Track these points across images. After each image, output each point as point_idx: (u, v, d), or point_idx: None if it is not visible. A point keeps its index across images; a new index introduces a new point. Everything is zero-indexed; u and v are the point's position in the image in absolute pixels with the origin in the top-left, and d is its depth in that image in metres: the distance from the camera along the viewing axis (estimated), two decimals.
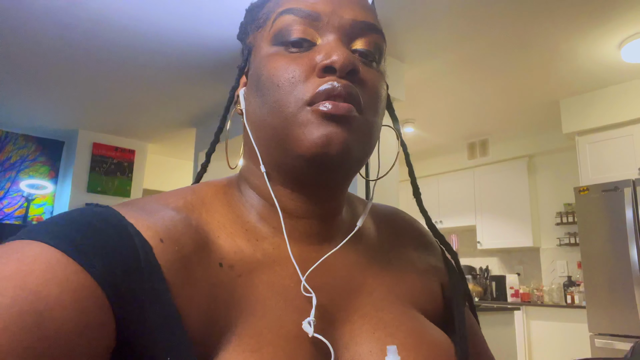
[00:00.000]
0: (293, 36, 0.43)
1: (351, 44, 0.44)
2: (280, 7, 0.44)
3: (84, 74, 3.63)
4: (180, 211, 0.42)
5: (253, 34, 0.49)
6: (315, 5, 0.43)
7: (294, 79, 0.41)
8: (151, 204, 0.41)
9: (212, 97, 4.08)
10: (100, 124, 4.79)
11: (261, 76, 0.44)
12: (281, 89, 0.41)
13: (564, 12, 2.72)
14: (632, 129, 3.64)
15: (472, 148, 5.32)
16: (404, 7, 2.66)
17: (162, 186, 5.96)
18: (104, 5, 2.70)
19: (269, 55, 0.44)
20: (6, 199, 4.86)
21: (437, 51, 3.19)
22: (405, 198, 5.45)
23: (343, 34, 0.43)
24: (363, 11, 0.45)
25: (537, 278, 4.99)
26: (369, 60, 0.45)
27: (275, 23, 0.44)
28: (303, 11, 0.43)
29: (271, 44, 0.44)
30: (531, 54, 3.23)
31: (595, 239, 3.40)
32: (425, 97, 3.96)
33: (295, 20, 0.43)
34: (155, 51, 3.25)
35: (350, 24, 0.44)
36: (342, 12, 0.44)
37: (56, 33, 3.02)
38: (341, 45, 0.42)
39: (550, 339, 4.21)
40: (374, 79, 0.44)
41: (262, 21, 0.47)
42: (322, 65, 0.41)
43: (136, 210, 0.39)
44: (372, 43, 0.45)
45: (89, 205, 0.38)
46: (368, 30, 0.45)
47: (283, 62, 0.42)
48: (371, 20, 0.46)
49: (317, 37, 0.43)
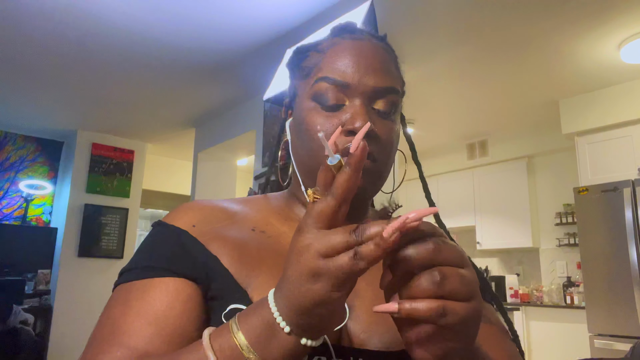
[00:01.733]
0: (328, 100, 0.57)
1: (372, 104, 0.57)
2: (319, 72, 0.58)
3: (84, 74, 3.63)
4: (230, 206, 0.63)
5: (298, 80, 0.63)
6: (345, 75, 0.57)
7: (326, 135, 0.54)
8: (216, 204, 0.63)
9: (211, 97, 4.08)
10: (99, 124, 4.78)
11: (302, 125, 0.59)
12: (316, 142, 0.56)
13: (563, 12, 2.72)
14: (631, 130, 3.65)
15: (471, 148, 5.32)
16: (404, 7, 2.66)
17: (161, 186, 5.95)
18: (104, 6, 2.70)
19: (309, 109, 0.58)
20: (5, 199, 4.85)
21: (437, 51, 3.19)
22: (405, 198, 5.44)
23: (366, 97, 0.57)
24: (383, 77, 0.58)
25: (537, 278, 4.99)
26: (386, 115, 0.58)
27: (314, 86, 0.58)
28: (336, 81, 0.56)
29: (310, 100, 0.58)
30: (531, 55, 3.23)
31: (595, 240, 3.40)
32: (425, 97, 3.96)
33: (330, 88, 0.57)
34: (155, 51, 3.24)
35: (372, 89, 0.57)
36: (366, 80, 0.57)
37: (56, 33, 3.01)
38: (364, 110, 0.56)
39: (550, 339, 4.21)
40: (388, 132, 0.58)
41: (305, 74, 0.61)
42: (346, 129, 0.55)
43: (186, 212, 0.59)
44: (388, 103, 0.58)
45: (155, 226, 0.59)
46: (386, 93, 0.58)
47: (320, 119, 0.57)
48: (389, 84, 0.58)
49: (345, 100, 0.57)
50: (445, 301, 0.37)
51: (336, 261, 0.36)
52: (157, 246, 0.56)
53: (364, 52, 0.58)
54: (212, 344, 0.41)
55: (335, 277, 0.37)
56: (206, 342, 0.41)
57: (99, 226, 4.88)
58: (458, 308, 0.37)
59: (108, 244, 4.93)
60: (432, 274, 0.37)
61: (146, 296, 0.49)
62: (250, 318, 0.41)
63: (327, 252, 0.37)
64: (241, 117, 4.19)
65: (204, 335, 0.42)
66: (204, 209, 0.60)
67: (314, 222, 0.39)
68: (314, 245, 0.38)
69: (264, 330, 0.40)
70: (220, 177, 4.80)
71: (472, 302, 0.38)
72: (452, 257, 0.38)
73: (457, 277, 0.37)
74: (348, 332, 0.52)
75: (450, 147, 5.42)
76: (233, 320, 0.41)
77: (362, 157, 0.39)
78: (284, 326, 0.39)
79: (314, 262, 0.37)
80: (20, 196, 4.95)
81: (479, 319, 0.39)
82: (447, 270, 0.37)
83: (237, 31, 2.97)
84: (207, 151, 4.66)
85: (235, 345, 0.40)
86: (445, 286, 0.37)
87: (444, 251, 0.38)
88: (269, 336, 0.40)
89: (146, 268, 0.52)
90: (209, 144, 4.59)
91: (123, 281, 0.53)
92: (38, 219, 5.05)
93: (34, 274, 4.53)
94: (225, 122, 4.40)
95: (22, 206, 4.95)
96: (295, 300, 0.38)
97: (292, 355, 0.40)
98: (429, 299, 0.37)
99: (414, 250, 0.38)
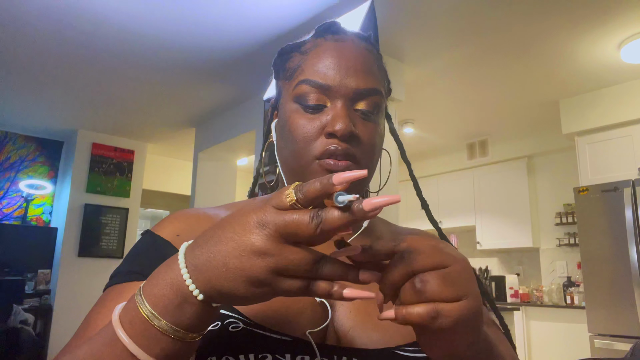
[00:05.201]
0: (309, 102, 0.57)
1: (354, 105, 0.58)
2: (302, 73, 0.59)
3: (84, 74, 3.63)
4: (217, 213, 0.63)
5: (282, 81, 0.63)
6: (327, 77, 0.57)
7: (307, 137, 0.57)
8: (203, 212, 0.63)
9: (211, 97, 4.08)
10: (99, 124, 4.78)
11: (285, 126, 0.60)
12: (298, 144, 0.57)
13: (563, 12, 2.72)
14: (631, 130, 3.64)
15: (471, 148, 5.32)
16: (404, 7, 2.66)
17: (162, 186, 5.95)
18: (104, 6, 2.70)
19: (291, 110, 0.59)
20: (5, 199, 4.85)
21: (437, 51, 3.19)
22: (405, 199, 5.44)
23: (347, 99, 0.57)
24: (365, 78, 0.58)
25: (537, 278, 4.99)
26: (368, 117, 0.58)
27: (296, 88, 0.58)
28: (317, 83, 0.57)
29: (293, 101, 0.59)
30: (531, 54, 3.23)
31: (595, 240, 3.40)
32: (425, 97, 3.96)
33: (311, 90, 0.57)
34: (155, 51, 3.24)
35: (354, 91, 0.57)
36: (347, 81, 0.57)
37: (56, 34, 3.01)
38: (345, 112, 0.56)
39: (550, 339, 4.21)
40: (369, 133, 0.58)
41: (288, 74, 0.61)
42: (327, 132, 0.56)
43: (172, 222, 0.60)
44: (370, 104, 0.58)
45: (143, 235, 0.60)
46: (368, 94, 0.58)
47: (301, 122, 0.58)
48: (371, 85, 0.58)
49: (327, 101, 0.57)
50: (437, 304, 0.37)
51: (293, 249, 0.36)
52: (141, 255, 0.57)
53: (346, 54, 0.58)
54: (122, 319, 0.39)
55: (289, 262, 0.35)
56: (115, 319, 0.39)
57: (99, 226, 4.88)
58: (449, 309, 0.37)
59: (108, 244, 4.93)
60: (412, 282, 0.38)
61: (120, 297, 0.50)
62: (157, 283, 0.38)
63: (285, 235, 0.35)
64: (241, 117, 4.19)
65: (114, 312, 0.40)
66: (190, 218, 0.61)
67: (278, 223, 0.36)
68: (272, 222, 0.35)
69: (174, 298, 0.37)
70: (220, 177, 4.80)
71: (464, 300, 0.37)
72: (429, 263, 0.38)
73: (438, 280, 0.37)
74: (334, 330, 0.53)
75: (450, 147, 5.42)
76: (138, 292, 0.39)
77: (366, 216, 0.35)
78: (197, 294, 0.37)
79: (265, 242, 0.35)
80: (21, 196, 4.95)
81: (479, 314, 0.39)
82: (426, 275, 0.37)
83: (237, 31, 2.97)
84: (207, 151, 4.66)
85: (143, 317, 0.38)
86: (426, 292, 0.37)
87: (419, 260, 0.38)
88: (180, 303, 0.37)
89: (128, 273, 0.54)
90: (209, 144, 4.59)
91: (109, 285, 0.55)
92: (38, 218, 5.05)
93: (34, 274, 4.54)
94: (225, 122, 4.40)
95: (22, 206, 4.95)
96: (218, 270, 0.36)
97: (206, 319, 0.39)
98: (420, 304, 0.37)
99: (389, 273, 0.38)
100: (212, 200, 4.60)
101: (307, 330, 0.51)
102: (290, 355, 0.48)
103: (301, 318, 0.52)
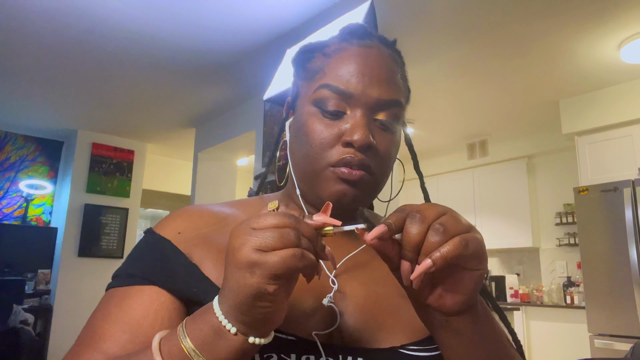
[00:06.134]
0: (329, 108, 0.56)
1: (374, 115, 0.57)
2: (323, 77, 0.57)
3: (84, 74, 3.63)
4: (222, 210, 0.62)
5: (301, 81, 0.61)
6: (349, 85, 0.55)
7: (324, 144, 0.56)
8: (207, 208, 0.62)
9: (211, 97, 4.08)
10: (99, 124, 4.78)
11: (301, 128, 0.58)
12: (314, 149, 0.56)
13: (563, 12, 2.72)
14: (631, 130, 3.64)
15: (471, 148, 5.32)
16: (404, 7, 2.66)
17: (162, 186, 5.95)
18: (104, 6, 2.70)
19: (309, 113, 0.58)
20: (5, 199, 4.85)
21: (437, 51, 3.19)
22: (405, 199, 5.45)
23: (368, 109, 0.56)
24: (388, 88, 0.57)
25: (537, 278, 4.99)
26: (387, 128, 0.57)
27: (317, 92, 0.57)
28: (339, 89, 0.55)
29: (312, 104, 0.58)
30: (531, 54, 3.23)
31: (595, 240, 3.39)
32: (425, 97, 3.96)
33: (332, 95, 0.56)
34: (155, 52, 3.24)
35: (375, 101, 0.56)
36: (369, 91, 0.56)
37: (56, 34, 3.01)
38: (364, 122, 0.55)
39: (550, 339, 4.21)
40: (386, 145, 0.57)
41: (309, 76, 0.60)
42: (344, 141, 0.55)
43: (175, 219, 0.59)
44: (390, 115, 0.57)
45: (145, 234, 0.59)
46: (388, 105, 0.57)
47: (319, 127, 0.56)
48: (393, 95, 0.57)
49: (347, 109, 0.56)
50: (461, 235, 0.41)
51: (271, 254, 0.38)
52: (142, 254, 0.57)
53: (370, 61, 0.57)
54: (162, 348, 0.42)
55: (271, 267, 0.38)
56: (155, 346, 0.42)
57: (99, 226, 4.88)
58: (470, 236, 0.41)
59: (108, 244, 4.93)
60: (433, 230, 0.41)
61: (124, 303, 0.51)
62: (197, 323, 0.42)
63: (262, 246, 0.39)
64: (241, 117, 4.19)
65: (154, 339, 0.43)
66: (193, 214, 0.60)
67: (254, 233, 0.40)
68: (250, 240, 0.39)
69: (211, 333, 0.41)
70: (220, 177, 4.80)
71: (473, 231, 0.42)
72: (435, 212, 0.42)
73: (451, 219, 0.42)
74: (339, 330, 0.53)
75: (450, 147, 5.42)
76: (181, 326, 0.42)
77: None
78: (230, 328, 0.40)
79: (249, 256, 0.38)
80: (21, 196, 4.95)
81: (483, 242, 0.43)
82: (442, 219, 0.41)
83: (237, 31, 2.97)
84: (207, 151, 4.66)
85: (182, 349, 0.41)
86: (450, 229, 0.41)
87: (427, 214, 0.42)
88: (216, 338, 0.41)
89: (129, 275, 0.54)
90: (209, 144, 4.59)
91: (111, 286, 0.55)
92: (38, 218, 5.05)
93: (34, 274, 4.54)
94: (225, 122, 4.40)
95: (22, 206, 4.95)
96: (236, 298, 0.39)
97: (241, 354, 0.41)
98: (449, 241, 0.40)
99: (410, 235, 0.41)
100: (212, 200, 4.60)
101: (314, 332, 0.52)
102: (296, 354, 0.49)
103: (309, 321, 0.52)
